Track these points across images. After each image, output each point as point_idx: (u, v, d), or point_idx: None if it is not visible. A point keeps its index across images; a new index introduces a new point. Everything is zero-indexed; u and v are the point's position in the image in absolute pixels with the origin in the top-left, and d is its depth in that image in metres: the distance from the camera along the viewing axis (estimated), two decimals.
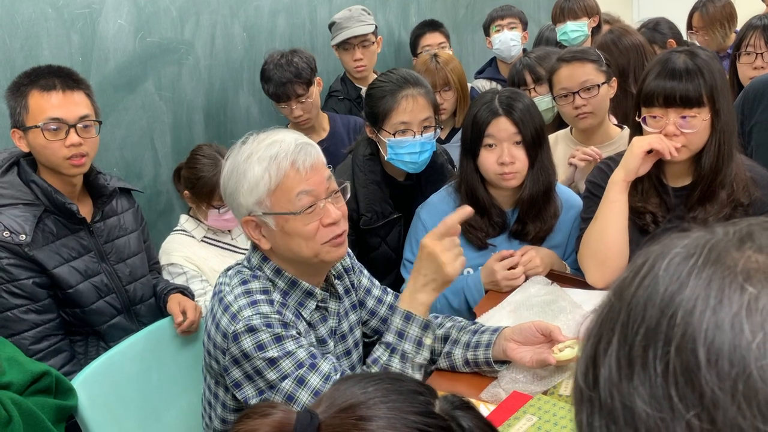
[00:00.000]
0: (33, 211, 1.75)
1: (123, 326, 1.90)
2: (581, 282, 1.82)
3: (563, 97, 2.19)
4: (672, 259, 0.48)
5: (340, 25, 2.96)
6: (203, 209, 2.15)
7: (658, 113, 1.62)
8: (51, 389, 1.47)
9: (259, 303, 1.34)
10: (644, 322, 0.46)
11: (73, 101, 1.75)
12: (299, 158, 1.31)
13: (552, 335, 1.40)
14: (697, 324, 0.44)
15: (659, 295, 0.46)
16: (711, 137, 1.62)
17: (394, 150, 2.00)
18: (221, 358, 1.34)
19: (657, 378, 0.44)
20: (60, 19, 2.18)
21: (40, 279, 1.74)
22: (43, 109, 1.72)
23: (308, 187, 1.33)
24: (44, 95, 1.72)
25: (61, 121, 1.73)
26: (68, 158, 1.74)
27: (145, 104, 2.49)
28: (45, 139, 1.72)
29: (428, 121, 2.00)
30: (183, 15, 2.60)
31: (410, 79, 2.01)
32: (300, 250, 1.36)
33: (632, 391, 0.45)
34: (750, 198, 1.65)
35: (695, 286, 0.45)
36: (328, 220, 1.35)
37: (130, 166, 2.45)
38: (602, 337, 0.49)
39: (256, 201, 1.33)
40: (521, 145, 1.80)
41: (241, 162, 1.34)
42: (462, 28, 4.38)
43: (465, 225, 1.89)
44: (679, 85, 1.58)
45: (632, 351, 0.46)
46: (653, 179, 1.73)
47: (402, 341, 1.36)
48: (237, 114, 2.88)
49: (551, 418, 1.24)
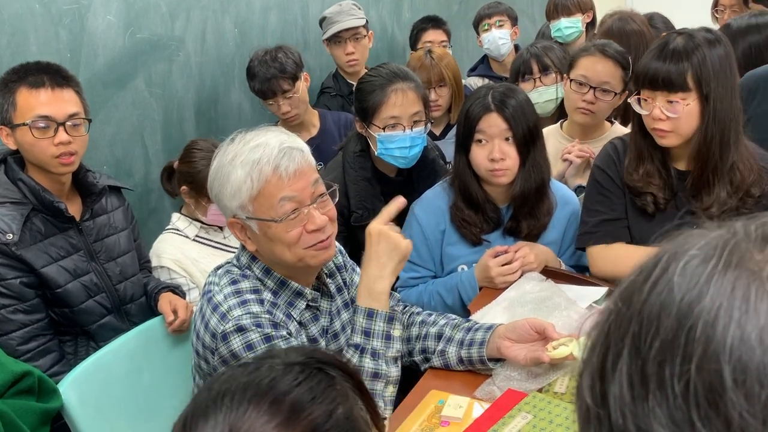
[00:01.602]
0: (20, 209, 1.72)
1: (113, 326, 1.88)
2: (576, 278, 1.82)
3: (579, 84, 2.17)
4: (688, 262, 0.43)
5: (331, 20, 2.94)
6: (203, 204, 2.12)
7: (647, 95, 1.60)
8: (33, 390, 1.44)
9: (249, 303, 1.33)
10: (659, 335, 0.41)
11: (63, 99, 1.73)
12: (282, 164, 1.29)
13: (546, 333, 1.39)
14: (720, 338, 0.39)
15: (675, 303, 0.41)
16: (700, 124, 1.59)
17: (384, 145, 1.99)
18: (210, 358, 1.33)
19: (676, 399, 0.40)
20: (48, 14, 2.15)
21: (28, 279, 1.72)
22: (31, 107, 1.69)
23: (291, 193, 1.31)
24: (33, 92, 1.70)
25: (50, 119, 1.70)
26: (57, 156, 1.72)
27: (136, 101, 2.46)
28: (33, 137, 1.70)
29: (418, 115, 1.99)
30: (173, 11, 2.57)
31: (400, 74, 2.00)
32: (283, 255, 1.34)
33: (648, 413, 0.41)
34: (762, 190, 1.61)
35: (716, 294, 0.40)
36: (311, 226, 1.33)
37: (121, 163, 2.43)
38: (610, 348, 0.45)
39: (239, 205, 1.32)
40: (512, 141, 1.78)
41: (225, 164, 1.32)
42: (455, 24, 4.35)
43: (459, 220, 1.88)
44: (663, 67, 1.55)
45: (646, 367, 0.41)
46: (656, 161, 1.70)
47: (370, 339, 1.35)
48: (228, 111, 2.86)
49: (546, 416, 1.23)
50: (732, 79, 1.60)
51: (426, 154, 2.13)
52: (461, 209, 1.88)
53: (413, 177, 2.16)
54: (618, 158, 1.79)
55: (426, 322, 1.59)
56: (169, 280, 2.08)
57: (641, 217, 1.74)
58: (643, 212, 1.73)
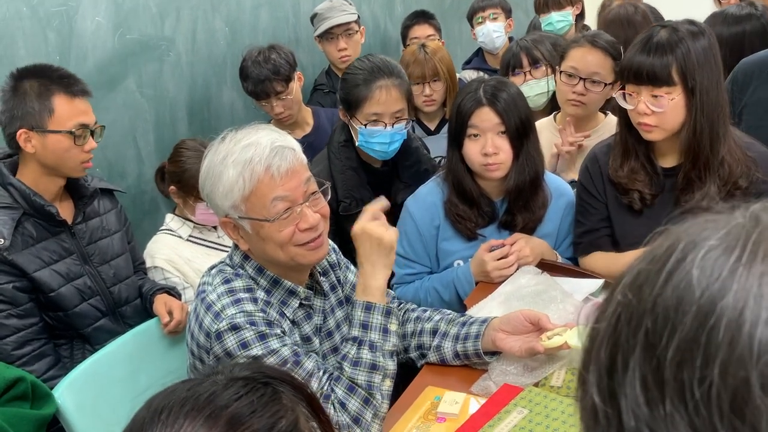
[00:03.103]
0: (11, 214, 1.72)
1: (108, 328, 1.88)
2: (572, 270, 1.81)
3: (569, 76, 2.16)
4: (708, 253, 0.39)
5: (322, 16, 2.93)
6: (190, 203, 2.11)
7: (632, 90, 1.59)
8: (27, 395, 1.44)
9: (242, 301, 1.32)
10: (676, 333, 0.38)
11: (90, 107, 1.80)
12: (274, 163, 1.28)
13: (540, 323, 1.39)
14: (746, 340, 0.35)
15: (694, 298, 0.38)
16: (687, 118, 1.58)
17: (365, 138, 2.03)
18: (206, 357, 1.32)
19: (696, 405, 0.36)
20: (35, 17, 2.13)
21: (21, 283, 1.72)
22: (71, 115, 1.73)
23: (283, 192, 1.30)
24: (71, 100, 1.74)
25: (87, 127, 1.77)
26: (82, 162, 1.78)
27: (127, 102, 2.45)
28: (72, 144, 1.74)
29: (400, 113, 2.02)
30: (163, 11, 2.55)
31: (385, 69, 2.01)
32: (275, 254, 1.34)
33: (665, 418, 0.37)
34: (749, 180, 1.59)
35: (741, 291, 0.36)
36: (304, 225, 1.32)
37: (113, 165, 2.42)
38: (619, 344, 0.41)
39: (231, 205, 1.31)
40: (505, 135, 1.77)
41: (216, 163, 1.31)
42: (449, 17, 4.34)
43: (454, 216, 1.88)
44: (647, 61, 1.54)
45: (662, 368, 0.38)
46: (641, 157, 1.70)
47: (367, 332, 1.35)
48: (221, 110, 2.85)
49: (542, 411, 1.23)
50: (717, 70, 1.59)
51: (409, 143, 2.16)
52: (455, 204, 1.87)
53: (398, 167, 2.18)
54: (597, 167, 1.81)
55: (421, 318, 1.58)
56: (163, 280, 2.07)
57: (628, 214, 1.74)
58: (629, 209, 1.73)
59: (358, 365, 1.31)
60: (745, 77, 2.21)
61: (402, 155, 2.14)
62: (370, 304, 1.36)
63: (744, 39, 2.36)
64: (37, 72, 1.74)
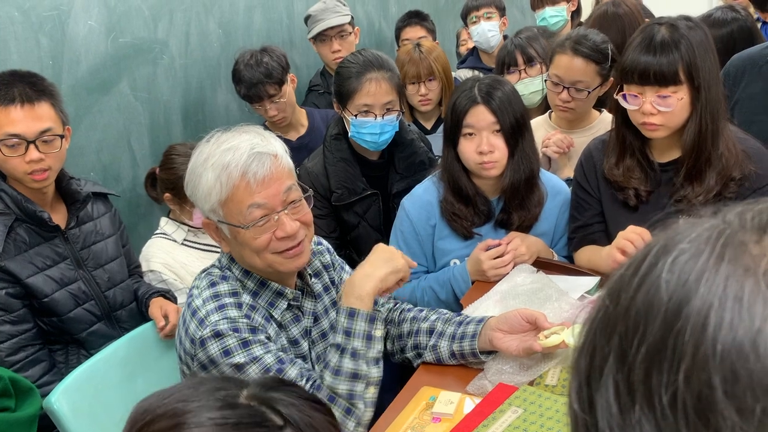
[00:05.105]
0: (3, 220, 1.71)
1: (104, 333, 1.87)
2: (568, 269, 1.81)
3: (554, 84, 2.16)
4: (678, 257, 0.38)
5: (316, 18, 2.92)
6: (187, 209, 2.10)
7: (635, 91, 1.58)
8: (9, 392, 1.42)
9: (226, 307, 1.31)
10: (645, 339, 0.37)
11: (34, 115, 1.68)
12: (250, 170, 1.26)
13: (537, 322, 1.38)
14: (709, 343, 0.35)
15: (663, 303, 0.37)
16: (692, 115, 1.57)
17: (357, 129, 2.09)
18: (191, 363, 1.32)
19: (664, 411, 0.36)
20: (27, 22, 2.13)
21: (14, 289, 1.71)
22: (1, 124, 1.66)
23: (260, 200, 1.28)
24: (3, 109, 1.66)
25: (20, 137, 1.67)
26: (29, 173, 1.69)
27: (121, 106, 2.44)
28: (3, 155, 1.68)
29: (391, 104, 2.07)
30: (156, 14, 2.55)
31: (375, 63, 2.07)
32: (252, 260, 1.33)
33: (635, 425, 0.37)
34: (742, 172, 1.59)
35: (707, 294, 0.36)
36: (281, 234, 1.31)
37: (108, 169, 2.41)
38: (596, 351, 0.41)
39: (210, 208, 1.31)
40: (500, 133, 1.77)
41: (198, 165, 1.31)
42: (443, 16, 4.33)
43: (450, 214, 1.87)
44: (653, 60, 1.53)
45: (632, 374, 0.38)
46: (637, 154, 1.69)
47: (350, 339, 1.33)
48: (215, 112, 2.84)
49: (537, 410, 1.22)
50: (715, 64, 1.58)
51: (403, 135, 2.19)
52: (451, 203, 1.87)
53: (394, 159, 2.21)
54: (592, 163, 1.80)
55: (417, 318, 1.58)
56: (159, 283, 2.06)
57: (622, 209, 1.73)
58: (624, 205, 1.72)
59: (338, 374, 1.30)
60: (737, 72, 2.21)
61: (397, 147, 2.19)
62: (354, 311, 1.34)
63: (731, 40, 2.40)
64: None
